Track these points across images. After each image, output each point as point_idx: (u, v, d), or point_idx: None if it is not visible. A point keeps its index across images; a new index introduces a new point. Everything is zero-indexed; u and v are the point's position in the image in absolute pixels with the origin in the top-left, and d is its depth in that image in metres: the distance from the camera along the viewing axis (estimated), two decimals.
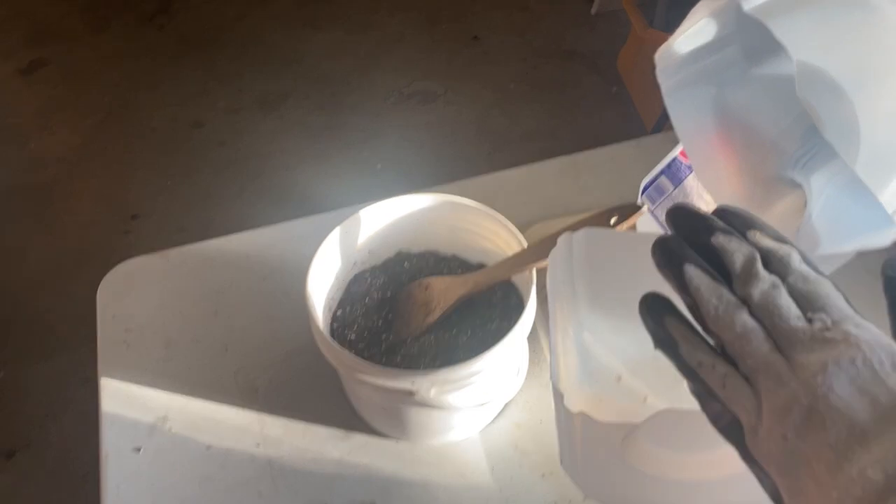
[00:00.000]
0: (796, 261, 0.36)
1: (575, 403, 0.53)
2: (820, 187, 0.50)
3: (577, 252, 0.58)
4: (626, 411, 0.53)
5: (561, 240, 0.59)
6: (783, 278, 0.35)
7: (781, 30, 0.44)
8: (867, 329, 0.34)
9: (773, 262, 0.36)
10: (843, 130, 0.43)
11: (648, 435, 0.52)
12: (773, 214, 0.54)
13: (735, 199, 0.55)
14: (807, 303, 0.35)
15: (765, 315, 0.34)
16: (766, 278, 0.35)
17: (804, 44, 0.44)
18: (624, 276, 0.59)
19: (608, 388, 0.54)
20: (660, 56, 0.53)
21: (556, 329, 0.56)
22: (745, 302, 0.35)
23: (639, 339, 0.57)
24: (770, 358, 0.34)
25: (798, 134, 0.52)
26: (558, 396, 0.54)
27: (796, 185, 0.53)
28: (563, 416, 0.54)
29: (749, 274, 0.35)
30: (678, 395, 0.54)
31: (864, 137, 0.43)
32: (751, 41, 0.51)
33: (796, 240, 0.51)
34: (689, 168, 0.72)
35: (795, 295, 0.35)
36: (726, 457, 0.55)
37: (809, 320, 0.34)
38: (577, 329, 0.55)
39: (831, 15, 0.44)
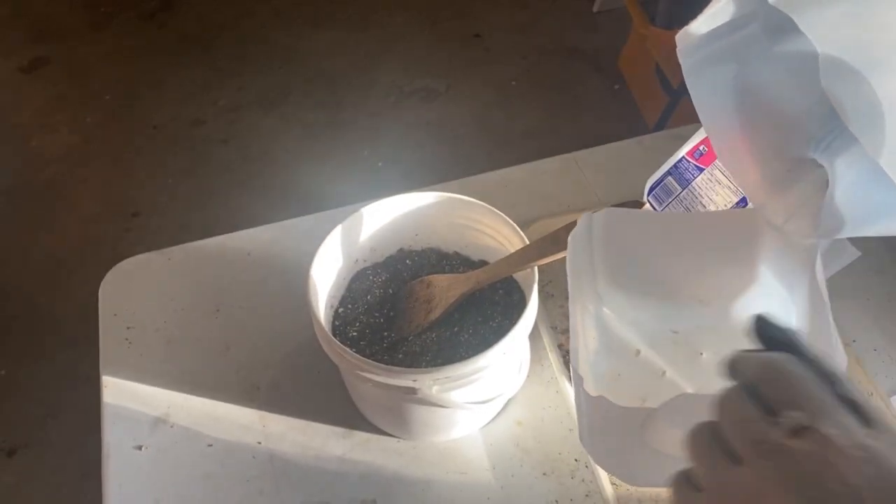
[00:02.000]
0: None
1: (594, 387, 0.52)
2: (843, 170, 0.49)
3: (597, 230, 0.58)
4: (645, 387, 0.53)
5: (581, 220, 0.59)
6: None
7: (807, 21, 0.43)
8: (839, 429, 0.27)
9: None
10: (867, 121, 0.42)
11: (666, 419, 0.52)
12: (795, 193, 0.53)
13: (756, 178, 0.55)
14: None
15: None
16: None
17: (830, 35, 0.43)
18: (643, 253, 0.60)
19: (627, 362, 0.54)
20: (680, 36, 0.53)
21: (575, 308, 0.56)
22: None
23: (657, 314, 0.57)
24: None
25: (821, 114, 0.51)
26: (578, 380, 0.54)
27: (817, 167, 0.52)
28: (584, 399, 0.55)
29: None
30: (696, 369, 0.54)
31: (889, 129, 0.42)
32: (773, 19, 0.51)
33: (819, 222, 0.51)
34: (698, 168, 0.72)
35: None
36: None
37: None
38: (596, 304, 0.55)
39: (858, 5, 0.44)
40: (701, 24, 0.52)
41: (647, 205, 0.75)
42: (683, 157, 0.73)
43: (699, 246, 0.60)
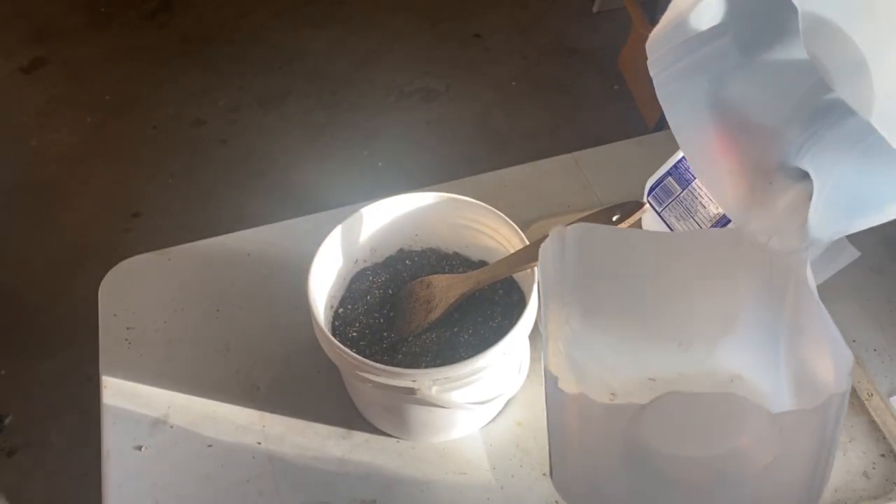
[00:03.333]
0: None
1: (571, 385, 0.50)
2: (827, 171, 0.48)
3: (570, 249, 0.56)
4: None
5: (552, 234, 0.56)
6: None
7: None
8: None
9: None
10: (854, 83, 0.41)
11: (656, 416, 0.48)
12: (779, 206, 0.52)
13: (737, 194, 0.54)
14: None
15: None
16: None
17: None
18: (618, 278, 0.57)
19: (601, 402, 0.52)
20: (651, 46, 0.51)
21: (548, 335, 0.54)
22: None
23: (633, 360, 0.55)
24: None
25: (799, 121, 0.50)
26: (552, 380, 0.49)
27: (800, 176, 0.51)
28: (559, 403, 0.50)
29: None
30: None
31: (877, 88, 0.40)
32: (744, 31, 0.50)
33: (805, 233, 0.49)
34: None
35: None
36: (742, 454, 0.51)
37: None
38: (568, 346, 0.53)
39: None
40: (671, 35, 0.50)
41: (647, 205, 0.75)
42: (683, 157, 0.73)
43: (679, 272, 0.57)
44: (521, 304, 0.68)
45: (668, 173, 0.74)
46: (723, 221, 0.69)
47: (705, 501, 0.54)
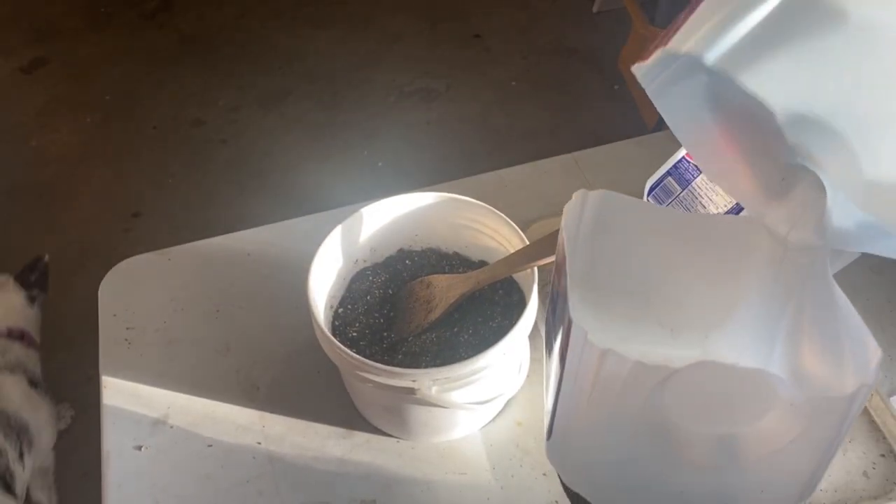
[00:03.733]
0: None
1: (602, 339, 0.44)
2: (837, 181, 0.45)
3: (586, 218, 0.55)
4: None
5: (576, 195, 0.54)
6: None
7: (755, 81, 0.39)
8: None
9: None
10: (842, 171, 0.39)
11: (686, 382, 0.45)
12: (795, 198, 0.49)
13: (750, 189, 0.51)
14: None
15: None
16: None
17: (784, 89, 0.40)
18: (623, 256, 0.56)
19: None
20: (636, 67, 0.48)
21: (571, 289, 0.51)
22: None
23: (623, 340, 0.54)
24: None
25: (801, 120, 0.48)
26: (580, 333, 0.44)
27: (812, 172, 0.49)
28: (581, 359, 0.46)
29: None
30: None
31: (867, 174, 0.39)
32: None
33: (825, 227, 0.46)
34: (698, 169, 0.71)
35: None
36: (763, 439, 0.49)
37: None
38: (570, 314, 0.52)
39: (802, 53, 0.40)
40: (658, 45, 0.49)
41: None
42: (683, 157, 0.73)
43: (685, 256, 0.56)
44: (521, 304, 0.68)
45: (668, 173, 0.74)
46: None
47: (708, 482, 0.54)
